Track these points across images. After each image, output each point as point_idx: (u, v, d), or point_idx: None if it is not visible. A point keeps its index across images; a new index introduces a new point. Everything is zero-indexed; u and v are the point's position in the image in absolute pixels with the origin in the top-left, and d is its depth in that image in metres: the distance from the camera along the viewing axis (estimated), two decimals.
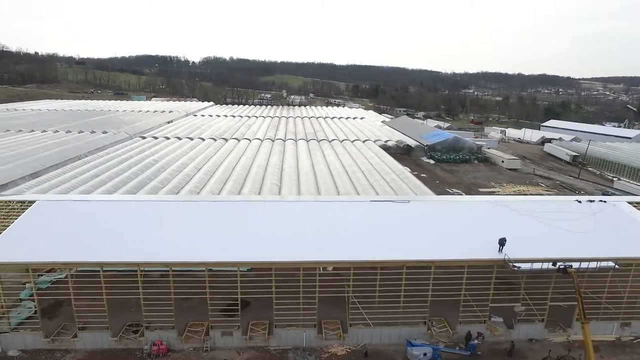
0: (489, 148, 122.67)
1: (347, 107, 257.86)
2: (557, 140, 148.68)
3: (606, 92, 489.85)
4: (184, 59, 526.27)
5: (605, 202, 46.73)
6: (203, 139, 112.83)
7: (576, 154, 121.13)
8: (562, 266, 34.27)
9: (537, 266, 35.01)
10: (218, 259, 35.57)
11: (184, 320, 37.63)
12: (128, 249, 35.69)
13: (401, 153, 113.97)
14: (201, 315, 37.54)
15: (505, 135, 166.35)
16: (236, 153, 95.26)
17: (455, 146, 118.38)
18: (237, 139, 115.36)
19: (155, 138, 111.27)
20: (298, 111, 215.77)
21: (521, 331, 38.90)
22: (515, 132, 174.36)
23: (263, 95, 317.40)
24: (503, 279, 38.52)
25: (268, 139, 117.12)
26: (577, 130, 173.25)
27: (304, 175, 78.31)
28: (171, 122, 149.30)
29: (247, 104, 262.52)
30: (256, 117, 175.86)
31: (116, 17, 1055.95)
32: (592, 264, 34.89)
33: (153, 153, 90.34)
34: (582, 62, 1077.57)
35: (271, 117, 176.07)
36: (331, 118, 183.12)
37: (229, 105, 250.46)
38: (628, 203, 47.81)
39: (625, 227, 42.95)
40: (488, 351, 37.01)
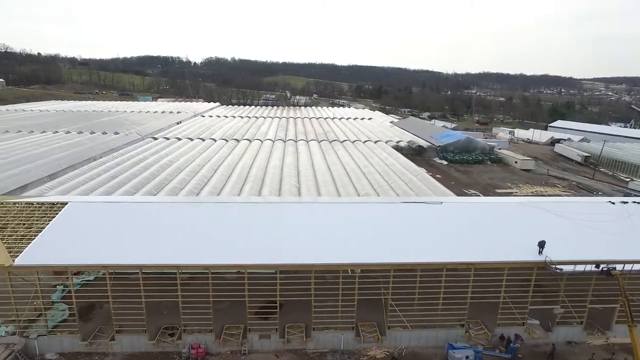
0: (501, 149, 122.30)
1: (353, 108, 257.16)
2: (567, 140, 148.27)
3: (608, 93, 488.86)
4: (186, 60, 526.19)
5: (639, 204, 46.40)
6: (215, 140, 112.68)
7: (588, 155, 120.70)
8: (606, 268, 33.94)
9: (580, 268, 34.69)
10: (257, 262, 35.20)
11: (220, 323, 37.31)
12: (166, 251, 35.35)
13: (412, 154, 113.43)
14: (235, 317, 37.27)
15: (514, 135, 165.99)
16: (250, 154, 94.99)
17: (467, 147, 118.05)
18: (249, 140, 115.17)
19: (167, 139, 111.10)
20: (305, 112, 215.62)
21: (560, 334, 38.63)
22: (523, 133, 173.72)
23: (267, 96, 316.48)
24: (537, 281, 38.19)
25: (279, 140, 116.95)
26: (586, 130, 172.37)
27: (321, 175, 78.02)
28: (180, 123, 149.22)
29: (252, 105, 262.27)
30: (264, 118, 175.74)
31: (117, 18, 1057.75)
32: (637, 266, 34.51)
33: (168, 154, 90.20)
34: (584, 62, 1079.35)
35: (279, 118, 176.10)
36: (339, 119, 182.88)
37: (235, 106, 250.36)
38: None
39: None
40: (528, 354, 36.68)
